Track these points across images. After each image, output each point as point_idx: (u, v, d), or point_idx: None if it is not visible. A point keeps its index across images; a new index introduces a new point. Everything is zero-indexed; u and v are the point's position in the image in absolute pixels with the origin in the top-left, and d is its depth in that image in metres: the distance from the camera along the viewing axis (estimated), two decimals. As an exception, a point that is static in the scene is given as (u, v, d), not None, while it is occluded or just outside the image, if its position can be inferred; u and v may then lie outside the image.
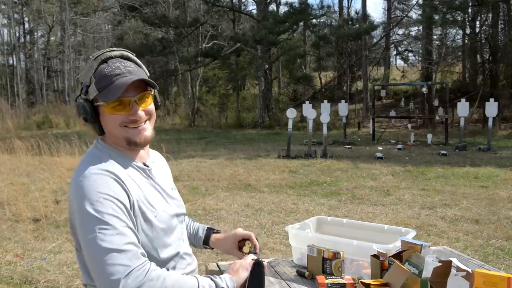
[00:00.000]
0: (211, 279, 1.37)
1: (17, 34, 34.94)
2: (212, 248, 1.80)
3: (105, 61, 1.40)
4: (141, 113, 1.41)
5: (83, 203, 1.29)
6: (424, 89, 15.50)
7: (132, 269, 1.23)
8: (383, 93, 18.96)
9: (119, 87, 1.35)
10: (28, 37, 36.22)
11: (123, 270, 1.23)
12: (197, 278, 1.35)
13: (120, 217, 1.29)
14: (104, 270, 1.23)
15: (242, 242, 1.70)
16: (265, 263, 1.54)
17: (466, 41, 21.03)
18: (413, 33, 28.34)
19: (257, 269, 1.46)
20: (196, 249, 1.81)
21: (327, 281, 1.53)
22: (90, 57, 1.42)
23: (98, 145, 1.48)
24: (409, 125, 16.93)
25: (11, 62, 34.77)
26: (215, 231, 1.80)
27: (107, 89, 1.36)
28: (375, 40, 26.87)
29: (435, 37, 22.57)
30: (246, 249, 1.66)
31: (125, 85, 1.35)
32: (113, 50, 1.44)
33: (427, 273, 1.36)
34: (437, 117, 15.92)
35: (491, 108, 12.15)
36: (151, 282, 1.24)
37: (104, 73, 1.38)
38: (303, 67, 24.77)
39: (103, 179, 1.33)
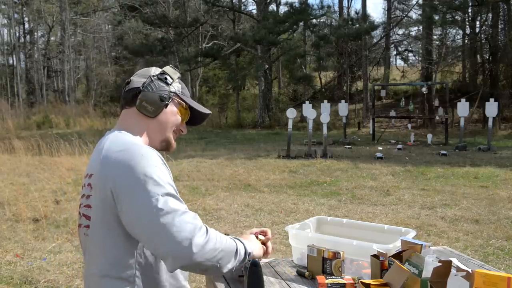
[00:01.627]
0: (244, 245, 1.46)
1: (17, 34, 34.93)
2: None
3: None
4: (186, 131, 1.62)
5: (139, 173, 1.32)
6: (424, 89, 15.50)
7: (197, 227, 1.30)
8: (383, 93, 18.96)
9: (205, 110, 1.62)
10: (28, 37, 36.21)
11: (191, 229, 1.29)
12: (234, 241, 1.43)
13: (173, 186, 1.37)
14: (173, 230, 1.27)
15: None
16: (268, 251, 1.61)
17: (466, 41, 21.03)
18: (413, 33, 28.37)
19: (255, 269, 1.45)
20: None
21: (327, 281, 1.53)
22: (171, 66, 1.61)
23: (127, 132, 1.50)
24: (409, 125, 16.92)
25: (11, 62, 34.80)
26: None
27: (191, 100, 1.58)
28: (375, 40, 26.87)
29: (435, 37, 22.57)
30: (261, 237, 1.70)
31: (207, 116, 1.64)
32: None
33: (427, 273, 1.36)
34: (437, 117, 15.91)
35: (491, 108, 12.15)
36: (212, 239, 1.33)
37: (184, 86, 1.61)
38: (303, 67, 24.76)
39: (155, 155, 1.39)
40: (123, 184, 1.33)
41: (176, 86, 1.56)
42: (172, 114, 1.53)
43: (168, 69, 1.57)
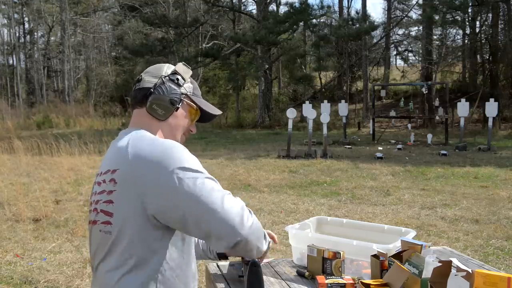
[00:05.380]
0: (264, 232, 1.48)
1: (17, 34, 34.98)
2: (227, 258, 1.78)
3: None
4: (195, 130, 1.62)
5: (174, 166, 1.32)
6: (424, 89, 15.50)
7: (243, 206, 1.35)
8: (383, 93, 18.96)
9: (217, 111, 1.60)
10: (28, 37, 36.25)
11: (240, 207, 1.34)
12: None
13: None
14: (225, 208, 1.30)
15: None
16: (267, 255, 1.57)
17: (466, 41, 21.02)
18: (413, 33, 28.37)
19: (254, 269, 1.45)
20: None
21: (327, 281, 1.53)
22: (183, 63, 1.56)
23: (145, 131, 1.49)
24: (409, 125, 16.92)
25: (11, 62, 34.82)
26: None
27: (202, 100, 1.56)
28: (375, 40, 26.87)
29: (435, 37, 22.56)
30: None
31: (217, 115, 1.60)
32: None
33: (427, 273, 1.36)
34: (437, 117, 15.91)
35: (491, 108, 12.15)
36: (255, 218, 1.37)
37: (196, 85, 1.58)
38: (303, 67, 24.76)
39: (182, 146, 1.40)
40: (160, 180, 1.31)
41: (188, 87, 1.53)
42: (182, 116, 1.52)
43: (180, 67, 1.53)
